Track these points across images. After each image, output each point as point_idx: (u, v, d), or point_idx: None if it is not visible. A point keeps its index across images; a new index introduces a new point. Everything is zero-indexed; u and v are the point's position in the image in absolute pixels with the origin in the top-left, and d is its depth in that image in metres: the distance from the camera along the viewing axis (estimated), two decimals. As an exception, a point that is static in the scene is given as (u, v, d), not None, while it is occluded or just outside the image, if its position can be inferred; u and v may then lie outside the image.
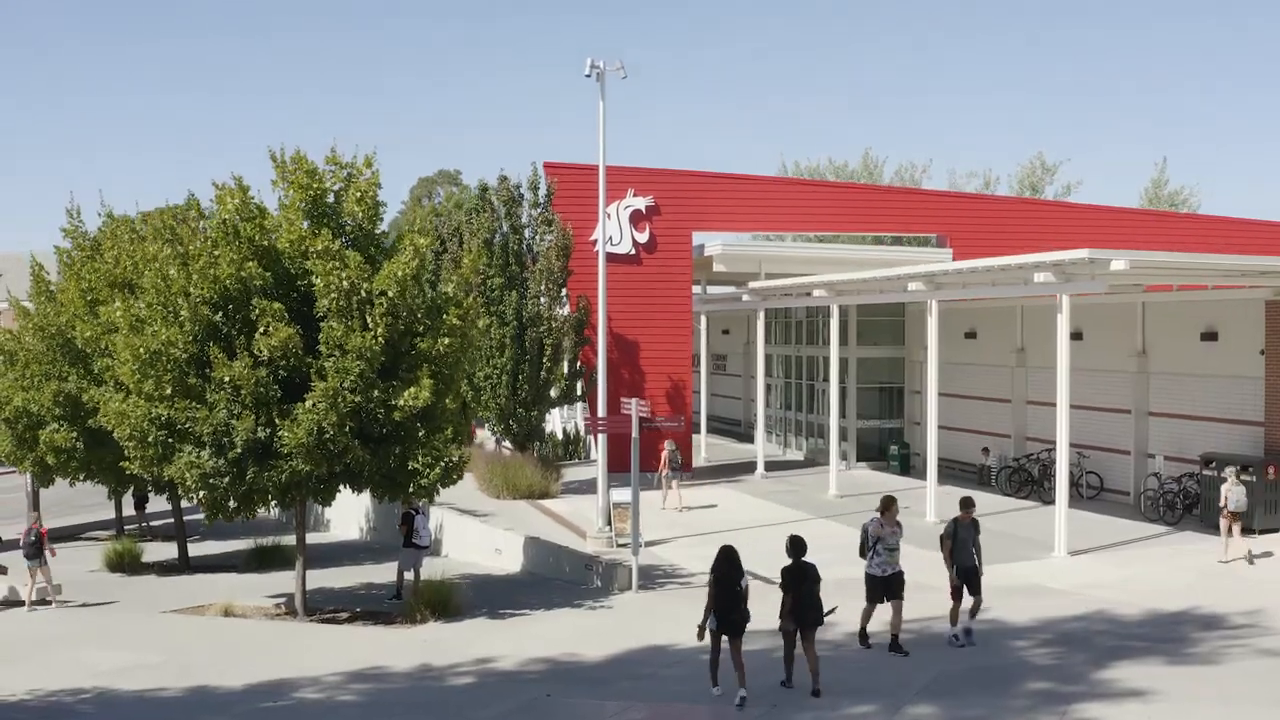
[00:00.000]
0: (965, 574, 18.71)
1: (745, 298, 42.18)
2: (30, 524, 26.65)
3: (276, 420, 20.93)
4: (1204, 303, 30.38)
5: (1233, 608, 20.57)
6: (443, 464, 22.01)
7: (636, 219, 40.63)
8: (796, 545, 16.17)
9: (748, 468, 43.28)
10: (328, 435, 20.78)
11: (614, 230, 40.02)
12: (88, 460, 29.35)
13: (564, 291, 38.43)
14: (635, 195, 40.57)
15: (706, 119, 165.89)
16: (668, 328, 40.86)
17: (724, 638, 15.71)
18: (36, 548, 25.91)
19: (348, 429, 21.02)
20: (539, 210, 38.57)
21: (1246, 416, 29.51)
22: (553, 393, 38.69)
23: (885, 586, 18.30)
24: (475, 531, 30.46)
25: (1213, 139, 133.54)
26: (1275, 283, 28.16)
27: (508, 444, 40.44)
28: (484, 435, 46.53)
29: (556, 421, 48.06)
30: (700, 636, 15.89)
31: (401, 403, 21.11)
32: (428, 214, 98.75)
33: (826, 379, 41.52)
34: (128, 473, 23.95)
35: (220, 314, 21.51)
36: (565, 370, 38.91)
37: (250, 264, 21.36)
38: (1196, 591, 22.25)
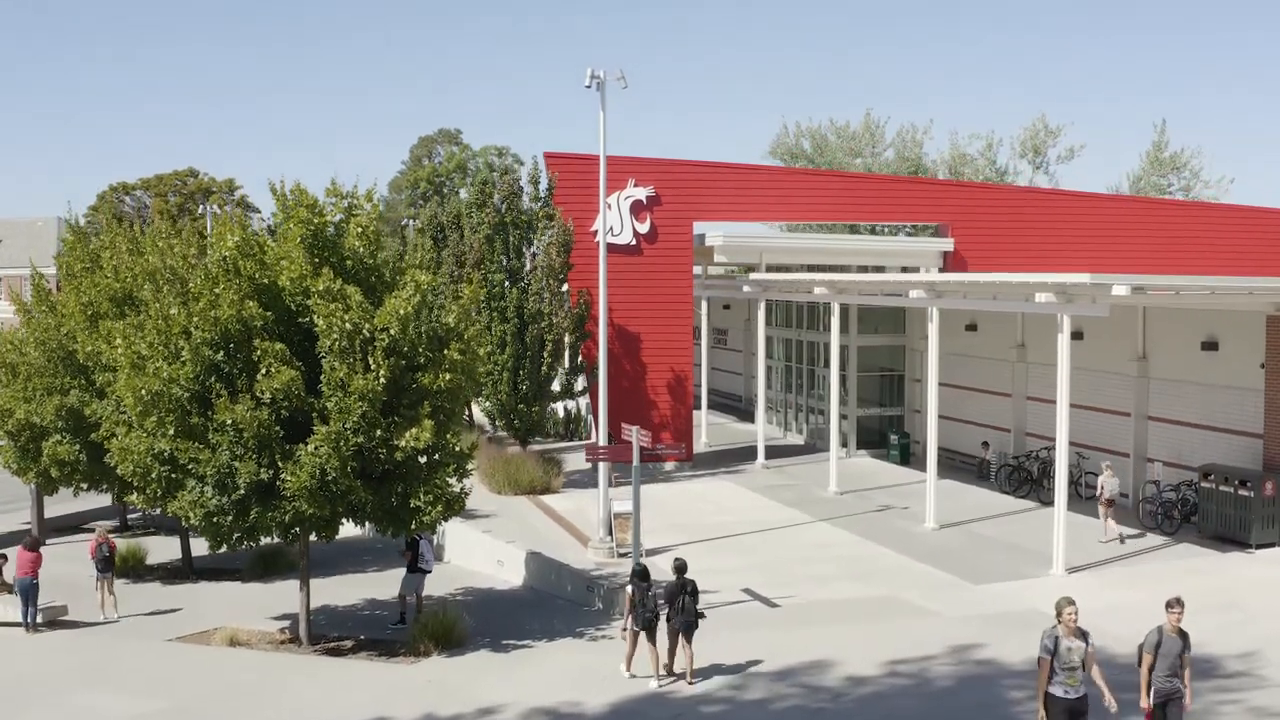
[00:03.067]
0: (1162, 700, 15.27)
1: (746, 288, 42.14)
2: (99, 538, 26.86)
3: (279, 462, 21.03)
4: (1205, 311, 30.31)
5: (1229, 648, 20.71)
6: (445, 501, 22.18)
7: (637, 209, 40.48)
8: (680, 568, 20.50)
9: (748, 454, 43.45)
10: (330, 477, 20.89)
11: (614, 221, 39.91)
12: (91, 472, 29.48)
13: (565, 286, 38.39)
14: (636, 185, 40.38)
15: (707, 75, 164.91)
16: (669, 318, 40.83)
17: (640, 632, 20.18)
18: (109, 561, 26.58)
19: (350, 469, 21.13)
20: (540, 205, 38.45)
21: (1246, 428, 29.59)
22: (555, 386, 38.75)
23: (1070, 714, 14.61)
24: (478, 541, 30.65)
25: (1217, 98, 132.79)
26: (1277, 299, 28.09)
27: (503, 430, 40.48)
28: (479, 413, 46.35)
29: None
30: (623, 635, 20.61)
31: (403, 443, 21.20)
32: (427, 174, 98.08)
33: (827, 364, 41.57)
34: (134, 506, 24.02)
35: (221, 353, 21.52)
36: (567, 365, 38.94)
37: (250, 303, 21.33)
38: (1194, 625, 22.26)
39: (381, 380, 21.08)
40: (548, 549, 29.22)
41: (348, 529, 36.11)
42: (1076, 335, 30.32)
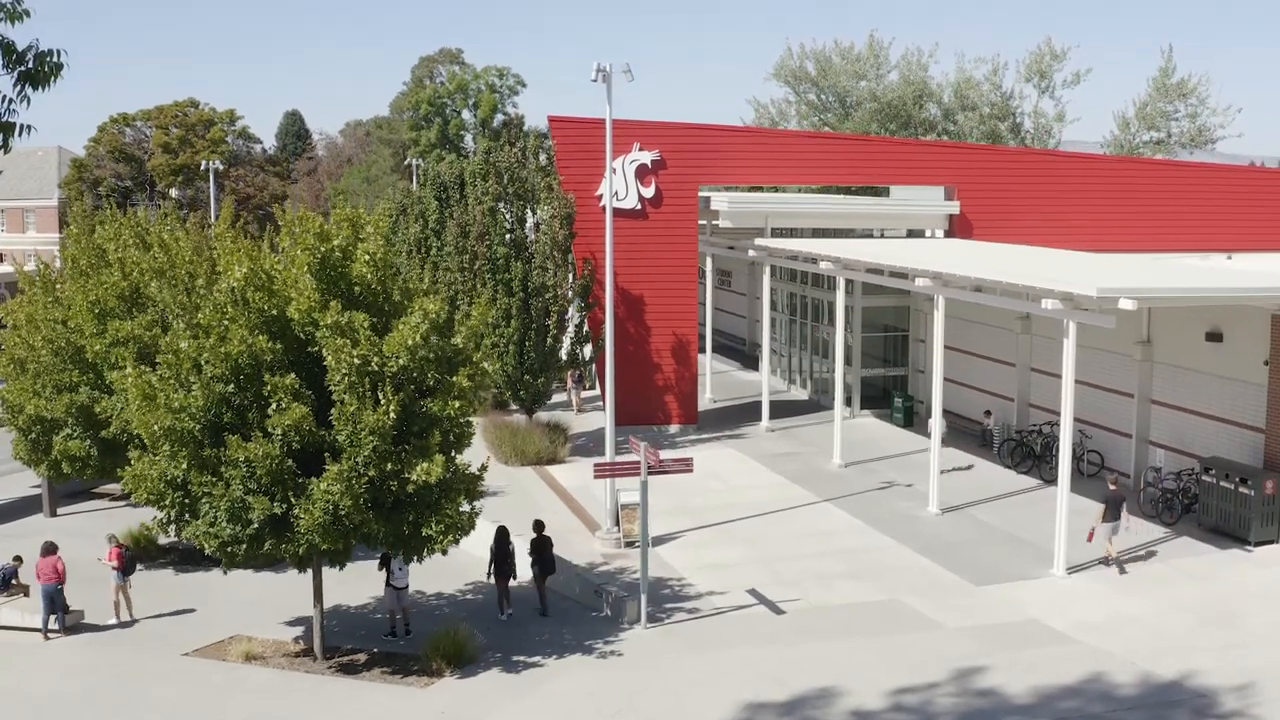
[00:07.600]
0: None
1: (751, 253, 42.04)
2: (116, 544, 27.21)
3: (292, 498, 21.24)
4: (1209, 305, 30.20)
5: (1225, 679, 21.10)
6: (457, 527, 22.46)
7: (642, 173, 40.28)
8: (538, 526, 26.85)
9: (753, 412, 43.76)
10: (343, 512, 21.12)
11: (619, 185, 39.74)
12: (102, 465, 29.73)
13: (569, 257, 38.33)
14: (641, 149, 40.15)
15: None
16: (674, 282, 40.94)
17: (502, 579, 26.18)
18: (129, 565, 27.00)
19: (362, 502, 21.35)
20: (544, 176, 38.22)
21: (1248, 421, 29.74)
22: (561, 354, 38.83)
23: None
24: (486, 529, 30.87)
25: (1228, 27, 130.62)
26: (1281, 301, 28.10)
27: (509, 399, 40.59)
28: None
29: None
30: (488, 578, 26.60)
31: (414, 477, 21.39)
32: (429, 95, 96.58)
33: (832, 322, 41.62)
34: (148, 530, 24.30)
35: (232, 385, 21.63)
36: (572, 335, 39.01)
37: (261, 337, 21.37)
38: (1193, 645, 22.79)
39: (391, 415, 21.21)
40: (555, 540, 29.45)
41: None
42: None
